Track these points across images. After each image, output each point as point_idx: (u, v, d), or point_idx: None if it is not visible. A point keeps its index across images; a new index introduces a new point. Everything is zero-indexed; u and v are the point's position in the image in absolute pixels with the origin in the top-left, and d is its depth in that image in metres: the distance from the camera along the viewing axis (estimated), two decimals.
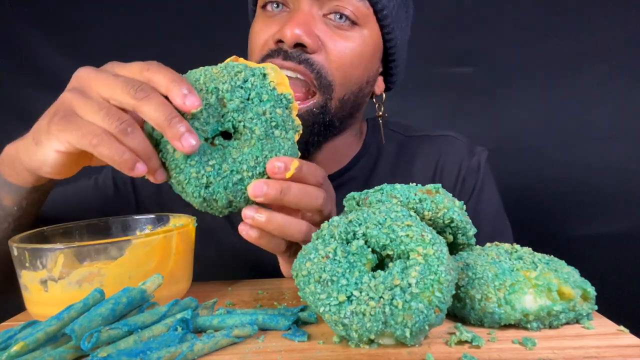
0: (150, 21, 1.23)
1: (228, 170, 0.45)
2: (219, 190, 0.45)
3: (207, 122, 0.46)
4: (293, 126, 0.48)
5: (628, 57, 1.15)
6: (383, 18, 0.64)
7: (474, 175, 0.76)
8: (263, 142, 0.46)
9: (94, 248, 0.45)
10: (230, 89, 0.47)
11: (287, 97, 0.48)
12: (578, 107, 1.18)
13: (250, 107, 0.47)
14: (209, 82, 0.47)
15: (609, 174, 1.17)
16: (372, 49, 0.66)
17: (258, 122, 0.47)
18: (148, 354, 0.34)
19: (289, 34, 0.59)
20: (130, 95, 0.42)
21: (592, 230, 1.18)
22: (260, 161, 0.46)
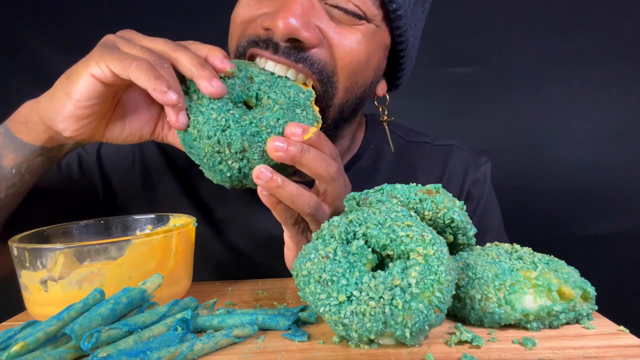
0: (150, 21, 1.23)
1: (248, 120, 0.47)
2: (236, 134, 0.46)
3: (233, 88, 0.49)
4: (314, 114, 0.51)
5: (628, 57, 1.15)
6: (397, 19, 0.57)
7: (477, 190, 0.74)
8: (285, 111, 0.49)
9: (94, 248, 0.45)
10: (259, 72, 0.52)
11: (309, 91, 0.52)
12: (578, 107, 1.18)
13: (277, 84, 0.51)
14: (242, 64, 0.52)
15: (609, 174, 1.17)
16: (379, 47, 0.59)
17: (282, 96, 0.50)
18: (148, 354, 0.34)
19: (282, 25, 0.50)
20: (170, 47, 0.47)
21: (592, 230, 1.18)
22: (281, 123, 0.47)
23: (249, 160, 0.47)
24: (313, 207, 0.47)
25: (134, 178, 0.73)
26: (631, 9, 1.14)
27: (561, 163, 1.19)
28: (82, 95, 0.46)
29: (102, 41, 0.48)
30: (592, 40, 1.16)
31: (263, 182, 0.45)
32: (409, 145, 0.76)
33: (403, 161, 0.74)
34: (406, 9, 0.57)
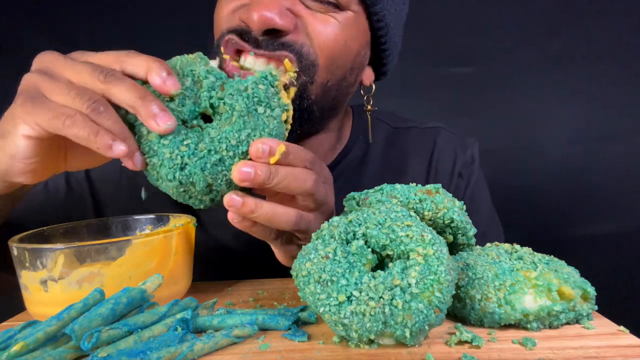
0: (150, 21, 1.23)
1: (205, 149, 0.42)
2: (196, 171, 0.42)
3: (183, 104, 0.44)
4: (279, 104, 0.45)
5: (628, 57, 1.15)
6: (373, 4, 0.58)
7: (467, 170, 0.74)
8: (245, 119, 0.43)
9: (94, 248, 0.45)
10: (207, 70, 0.45)
11: (271, 74, 0.45)
12: (578, 107, 1.18)
13: (231, 83, 0.45)
14: (186, 66, 0.46)
15: (609, 174, 1.17)
16: (358, 34, 0.59)
17: (239, 98, 0.43)
18: (148, 354, 0.34)
19: (256, 18, 0.50)
20: (99, 79, 0.41)
21: (592, 230, 1.18)
22: (243, 139, 0.42)
23: (218, 192, 0.44)
24: (292, 222, 0.45)
25: (122, 191, 0.72)
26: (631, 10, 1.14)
27: (561, 162, 1.19)
28: (24, 155, 0.43)
29: (22, 87, 0.43)
30: (591, 40, 1.16)
31: (235, 209, 0.43)
32: (397, 132, 0.76)
33: (393, 148, 0.74)
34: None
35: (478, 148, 0.77)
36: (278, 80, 0.45)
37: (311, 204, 0.47)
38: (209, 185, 0.43)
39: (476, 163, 0.76)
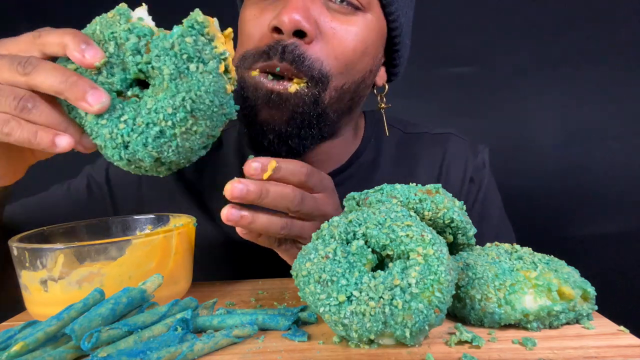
0: None
1: (143, 123, 0.40)
2: (138, 148, 0.40)
3: (112, 74, 0.41)
4: (213, 55, 0.40)
5: (629, 57, 1.15)
6: (388, 4, 0.60)
7: (478, 175, 0.75)
8: (177, 82, 0.40)
9: (94, 248, 0.45)
10: (128, 29, 0.40)
11: (198, 22, 0.40)
12: (578, 107, 1.18)
13: (156, 42, 0.40)
14: (106, 29, 0.41)
15: (609, 174, 1.17)
16: (377, 36, 0.61)
17: (166, 58, 0.39)
18: (148, 354, 0.34)
19: (287, 20, 0.53)
20: (18, 72, 0.39)
21: (592, 230, 1.18)
22: (178, 105, 0.39)
23: (170, 162, 0.42)
24: (285, 228, 0.48)
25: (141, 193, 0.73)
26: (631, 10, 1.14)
27: (561, 162, 1.19)
28: None
29: None
30: (592, 40, 1.16)
31: (234, 222, 0.45)
32: (408, 137, 0.77)
33: (403, 153, 0.75)
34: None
35: (488, 154, 0.78)
36: (207, 27, 0.40)
37: (299, 215, 0.49)
38: (157, 159, 0.42)
39: (487, 168, 0.76)
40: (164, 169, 0.44)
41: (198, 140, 0.42)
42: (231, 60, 0.41)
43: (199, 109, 0.40)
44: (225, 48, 0.41)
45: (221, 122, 0.43)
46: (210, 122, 0.41)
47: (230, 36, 0.43)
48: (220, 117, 0.42)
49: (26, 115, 0.39)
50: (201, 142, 0.42)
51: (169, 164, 0.43)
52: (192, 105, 0.40)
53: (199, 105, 0.40)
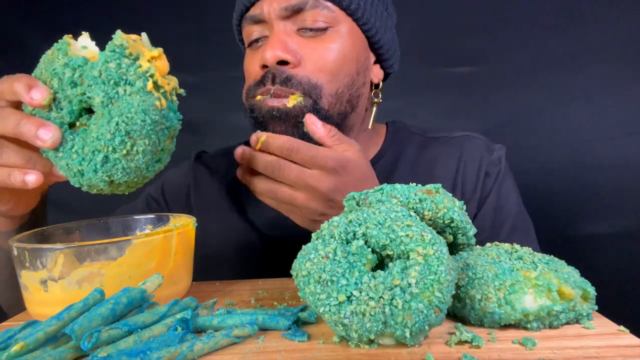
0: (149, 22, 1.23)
1: (89, 152, 0.43)
2: (90, 175, 0.43)
3: (60, 108, 0.44)
4: (138, 74, 0.41)
5: (629, 57, 1.15)
6: (353, 13, 0.67)
7: (494, 169, 0.76)
8: (110, 107, 0.42)
9: (94, 248, 0.45)
10: (65, 64, 0.43)
11: (117, 45, 0.42)
12: (578, 107, 1.18)
13: (87, 72, 0.42)
14: (48, 67, 0.44)
15: (608, 174, 1.17)
16: (352, 42, 0.68)
17: (96, 87, 0.42)
18: (148, 354, 0.34)
19: (269, 55, 0.63)
20: None
21: (593, 230, 1.18)
22: (114, 131, 0.41)
23: (124, 182, 0.45)
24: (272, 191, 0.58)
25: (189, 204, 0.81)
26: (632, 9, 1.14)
27: (561, 163, 1.19)
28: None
29: None
30: (592, 40, 1.16)
31: (239, 156, 0.59)
32: (428, 141, 0.81)
33: (422, 157, 0.78)
34: (358, 2, 0.67)
35: (505, 153, 0.79)
36: (128, 47, 0.42)
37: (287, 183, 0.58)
38: (111, 182, 0.44)
39: (502, 164, 0.77)
40: (123, 189, 0.46)
41: (143, 159, 0.44)
42: (160, 75, 0.43)
43: (133, 130, 0.42)
44: (150, 65, 0.42)
45: (164, 136, 0.44)
46: (149, 139, 0.43)
47: (160, 55, 0.44)
48: (160, 132, 0.44)
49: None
50: (147, 159, 0.44)
51: (124, 183, 0.45)
52: (126, 128, 0.41)
53: (132, 127, 0.41)
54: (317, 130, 0.59)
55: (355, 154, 0.59)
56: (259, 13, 0.66)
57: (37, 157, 0.46)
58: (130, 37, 0.43)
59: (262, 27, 0.68)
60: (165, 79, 0.43)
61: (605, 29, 1.15)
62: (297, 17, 0.65)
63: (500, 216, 0.73)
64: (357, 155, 0.59)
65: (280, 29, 0.66)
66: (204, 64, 1.24)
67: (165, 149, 0.45)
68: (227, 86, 1.22)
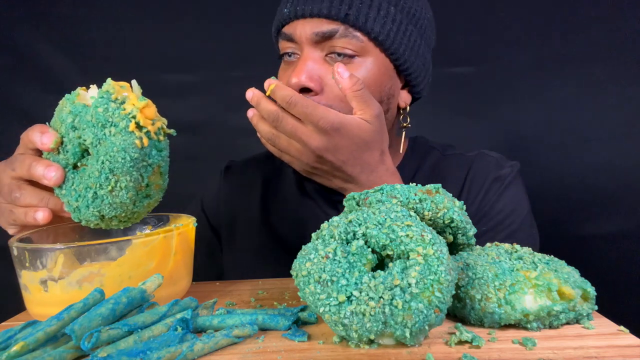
0: (149, 21, 1.23)
1: (83, 189, 0.47)
2: (84, 211, 0.48)
3: (66, 150, 0.49)
4: (121, 116, 0.45)
5: (629, 57, 1.15)
6: (381, 44, 0.67)
7: (500, 182, 0.76)
8: (98, 147, 0.46)
9: (94, 248, 0.45)
10: (69, 111, 0.48)
11: (106, 92, 0.46)
12: (578, 107, 1.18)
13: (80, 117, 0.47)
14: (58, 114, 0.50)
15: (608, 174, 1.17)
16: (378, 71, 0.68)
17: (87, 129, 0.47)
18: (148, 354, 0.34)
19: (294, 82, 0.65)
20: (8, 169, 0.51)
21: (592, 230, 1.18)
22: (100, 169, 0.46)
23: (114, 216, 0.48)
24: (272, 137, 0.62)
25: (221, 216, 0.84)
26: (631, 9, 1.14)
27: (560, 163, 1.19)
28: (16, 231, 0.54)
29: None
30: (593, 40, 1.16)
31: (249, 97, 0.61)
32: (444, 159, 0.81)
33: (435, 173, 0.79)
34: (387, 33, 0.67)
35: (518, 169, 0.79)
36: (114, 93, 0.46)
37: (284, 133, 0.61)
38: (102, 217, 0.48)
39: (509, 179, 0.77)
40: (115, 223, 0.50)
41: (126, 194, 0.47)
42: (144, 117, 0.46)
43: (116, 168, 0.45)
44: (133, 108, 0.46)
45: (147, 172, 0.47)
46: (130, 176, 0.46)
47: (147, 105, 0.47)
48: (142, 168, 0.47)
49: (17, 202, 0.51)
50: (130, 195, 0.47)
51: (115, 218, 0.49)
52: (109, 166, 0.45)
53: (114, 164, 0.45)
54: (341, 80, 0.60)
55: (366, 117, 0.61)
56: (292, 33, 0.68)
57: (50, 197, 0.51)
58: (118, 84, 0.47)
59: (294, 45, 0.69)
60: (149, 121, 0.47)
61: (604, 30, 1.15)
62: (327, 43, 0.67)
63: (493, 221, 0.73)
64: (366, 119, 0.61)
65: (308, 54, 0.67)
66: (204, 64, 1.24)
67: (151, 184, 0.48)
68: (227, 86, 1.22)
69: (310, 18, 0.67)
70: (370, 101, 0.61)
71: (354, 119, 0.60)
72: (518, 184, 0.78)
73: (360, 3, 0.66)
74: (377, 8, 0.67)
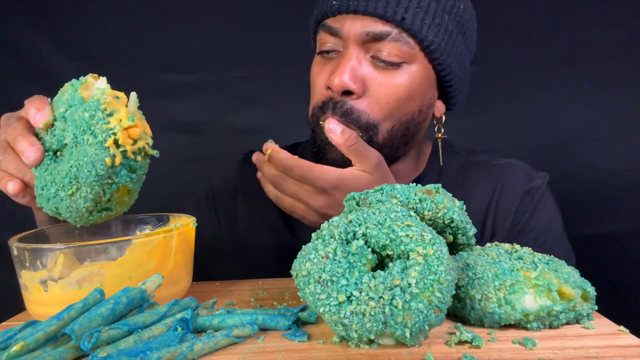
0: (149, 21, 1.23)
1: (49, 181, 0.48)
2: (44, 201, 0.49)
3: (53, 134, 0.48)
4: (102, 130, 0.45)
5: (629, 57, 1.15)
6: (431, 53, 0.65)
7: (531, 196, 0.74)
8: (73, 149, 0.46)
9: (94, 248, 0.45)
10: (66, 99, 0.47)
11: (96, 99, 0.45)
12: (578, 107, 1.18)
13: (71, 112, 0.47)
14: (59, 96, 0.49)
15: (608, 174, 1.17)
16: (421, 82, 0.66)
17: (71, 127, 0.46)
18: (148, 354, 0.34)
19: (337, 82, 0.63)
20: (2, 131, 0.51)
21: (593, 230, 1.18)
22: (67, 172, 0.46)
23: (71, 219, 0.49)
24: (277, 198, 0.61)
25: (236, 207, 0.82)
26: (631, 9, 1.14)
27: (561, 163, 1.19)
28: None
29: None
30: (593, 40, 1.16)
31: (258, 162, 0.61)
32: (469, 165, 0.79)
33: (462, 181, 0.77)
34: (439, 43, 0.65)
35: (548, 181, 0.77)
36: (104, 103, 0.45)
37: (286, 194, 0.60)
38: (58, 213, 0.49)
39: (540, 192, 0.75)
40: (71, 221, 0.50)
41: (84, 204, 0.47)
42: (125, 136, 0.45)
43: (80, 177, 0.45)
44: (116, 124, 0.45)
45: (112, 190, 0.47)
46: (92, 189, 0.46)
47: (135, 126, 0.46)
48: (106, 185, 0.46)
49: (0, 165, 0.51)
50: (87, 205, 0.47)
51: (69, 219, 0.49)
52: (75, 172, 0.45)
53: (80, 173, 0.45)
54: (334, 137, 0.58)
55: (366, 169, 0.59)
56: (338, 28, 0.65)
57: (28, 171, 0.50)
58: (115, 93, 0.46)
59: (337, 40, 0.66)
60: (130, 140, 0.46)
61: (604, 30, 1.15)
62: (374, 45, 0.64)
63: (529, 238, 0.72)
64: (366, 170, 0.59)
65: (353, 54, 0.64)
66: (204, 64, 1.23)
67: (113, 200, 0.48)
68: (227, 86, 1.22)
69: (363, 15, 0.63)
70: (367, 152, 0.59)
71: (352, 172, 0.59)
72: (549, 197, 0.76)
73: (417, 8, 0.63)
74: (432, 15, 0.64)
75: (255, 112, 1.23)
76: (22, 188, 0.51)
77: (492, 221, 0.73)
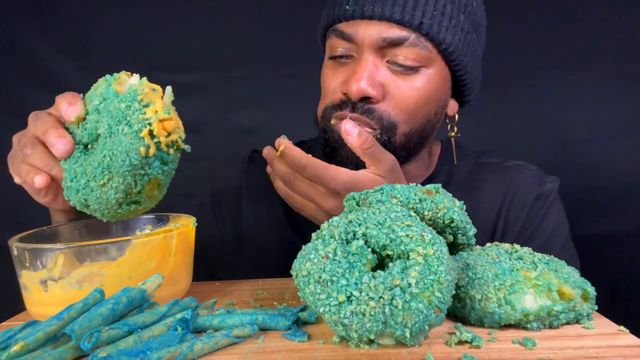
0: (149, 21, 1.23)
1: (80, 173, 0.47)
2: (73, 193, 0.48)
3: (85, 128, 0.48)
4: (139, 120, 0.45)
5: (629, 57, 1.15)
6: (449, 55, 0.64)
7: (542, 200, 0.74)
8: (107, 140, 0.46)
9: (94, 248, 0.45)
10: (100, 93, 0.48)
11: (133, 90, 0.46)
12: (579, 107, 1.18)
13: (104, 104, 0.47)
14: (92, 91, 0.49)
15: (608, 174, 1.17)
16: (439, 85, 0.66)
17: (105, 118, 0.46)
18: (148, 354, 0.34)
19: (355, 89, 0.62)
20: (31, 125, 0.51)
21: (593, 230, 1.18)
22: (100, 162, 0.46)
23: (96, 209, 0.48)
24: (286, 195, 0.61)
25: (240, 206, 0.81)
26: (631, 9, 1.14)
27: (561, 163, 1.19)
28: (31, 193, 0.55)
29: None
30: (593, 40, 1.16)
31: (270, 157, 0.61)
32: (479, 166, 0.79)
33: (473, 182, 0.76)
34: (456, 44, 0.64)
35: (558, 185, 0.77)
36: (140, 94, 0.45)
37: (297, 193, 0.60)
38: (86, 206, 0.48)
39: (551, 198, 0.75)
40: (98, 215, 0.49)
41: (114, 195, 0.46)
42: (160, 127, 0.45)
43: (113, 166, 0.45)
44: (152, 115, 0.45)
45: (143, 181, 0.46)
46: (124, 179, 0.45)
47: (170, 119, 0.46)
48: (138, 176, 0.46)
49: (26, 158, 0.50)
50: (118, 196, 0.46)
51: (97, 212, 0.48)
52: (108, 162, 0.45)
53: (113, 163, 0.45)
54: (350, 140, 0.58)
55: (380, 173, 0.58)
56: (352, 33, 0.63)
57: (55, 165, 0.50)
58: (151, 85, 0.47)
59: (350, 45, 0.64)
60: (164, 132, 0.46)
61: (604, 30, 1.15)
62: (391, 50, 0.62)
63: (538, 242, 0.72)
64: (380, 174, 0.58)
65: (369, 59, 0.63)
66: (204, 64, 1.23)
67: (144, 192, 0.48)
68: (227, 86, 1.22)
69: (378, 21, 0.61)
70: (383, 155, 0.58)
71: (367, 175, 0.58)
72: (559, 202, 0.76)
73: (434, 10, 0.62)
74: (449, 16, 0.63)
75: (255, 112, 1.24)
76: (48, 182, 0.50)
77: (503, 224, 0.73)
